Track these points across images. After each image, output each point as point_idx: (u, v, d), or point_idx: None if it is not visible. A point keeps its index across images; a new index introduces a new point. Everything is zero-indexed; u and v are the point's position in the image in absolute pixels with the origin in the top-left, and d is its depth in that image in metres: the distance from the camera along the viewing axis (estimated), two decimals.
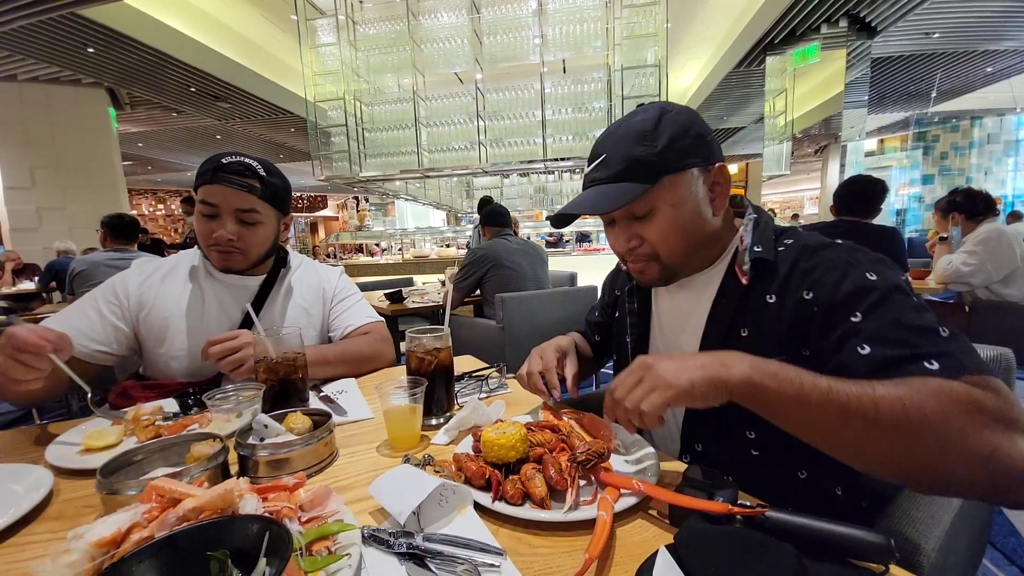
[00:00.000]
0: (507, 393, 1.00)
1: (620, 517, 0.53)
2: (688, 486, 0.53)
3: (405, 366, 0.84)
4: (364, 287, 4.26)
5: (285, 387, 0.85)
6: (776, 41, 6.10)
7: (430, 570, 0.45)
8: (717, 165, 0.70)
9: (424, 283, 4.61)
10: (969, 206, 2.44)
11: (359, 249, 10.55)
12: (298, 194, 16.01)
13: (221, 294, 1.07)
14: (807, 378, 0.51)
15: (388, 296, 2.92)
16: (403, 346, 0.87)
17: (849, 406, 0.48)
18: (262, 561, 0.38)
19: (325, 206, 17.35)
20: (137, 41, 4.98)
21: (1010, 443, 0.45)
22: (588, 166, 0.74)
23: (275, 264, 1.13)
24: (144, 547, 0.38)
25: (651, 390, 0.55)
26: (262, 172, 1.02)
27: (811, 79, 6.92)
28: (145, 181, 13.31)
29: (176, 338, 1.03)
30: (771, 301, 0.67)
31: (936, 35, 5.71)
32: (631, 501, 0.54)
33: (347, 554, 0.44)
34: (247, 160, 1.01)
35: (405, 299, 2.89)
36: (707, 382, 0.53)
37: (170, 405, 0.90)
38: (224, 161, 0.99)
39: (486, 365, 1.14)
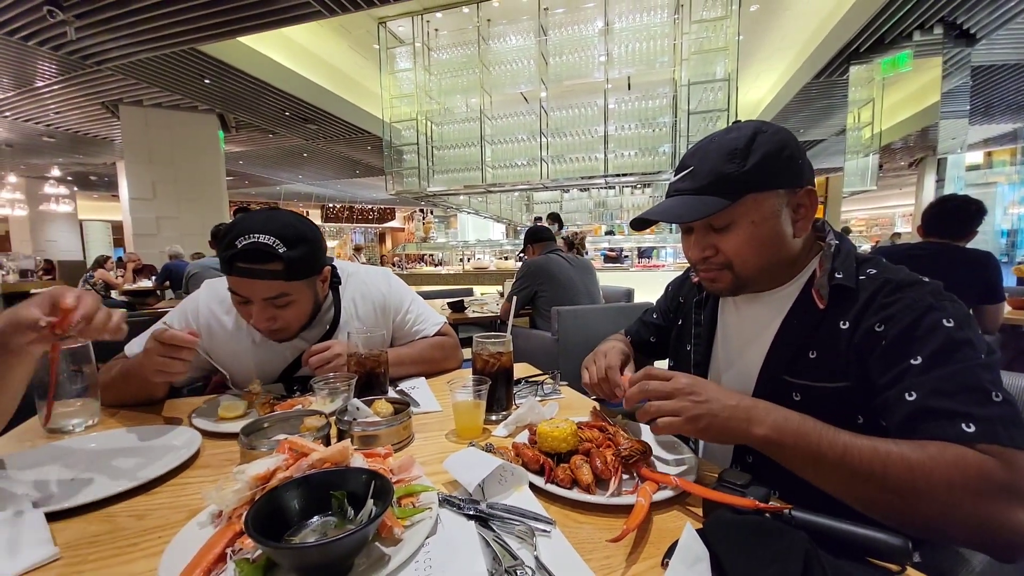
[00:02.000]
0: (560, 398, 1.08)
1: (657, 506, 0.60)
2: (722, 484, 0.59)
3: (471, 366, 0.96)
4: (426, 296, 4.50)
5: (370, 379, 0.99)
6: (862, 49, 5.74)
7: (492, 529, 0.54)
8: (805, 188, 0.72)
9: (483, 294, 4.80)
10: None
11: (421, 259, 11.07)
12: (369, 206, 17.20)
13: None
14: (826, 439, 0.57)
15: (450, 306, 3.11)
16: (468, 351, 0.99)
17: (860, 470, 0.54)
18: (369, 502, 0.50)
19: (393, 218, 18.45)
20: (243, 72, 5.69)
21: (1010, 516, 0.49)
22: (675, 176, 0.77)
23: (331, 285, 1.15)
24: (287, 483, 0.51)
25: (675, 412, 0.63)
26: (282, 249, 0.92)
27: (902, 89, 6.41)
28: (241, 194, 14.89)
29: (240, 367, 1.08)
30: (844, 327, 0.68)
31: None
32: (668, 494, 0.61)
33: (428, 508, 0.55)
34: (263, 240, 0.91)
35: (466, 308, 3.07)
36: (727, 434, 0.62)
37: (277, 389, 1.09)
38: (239, 246, 0.90)
39: (541, 372, 1.23)
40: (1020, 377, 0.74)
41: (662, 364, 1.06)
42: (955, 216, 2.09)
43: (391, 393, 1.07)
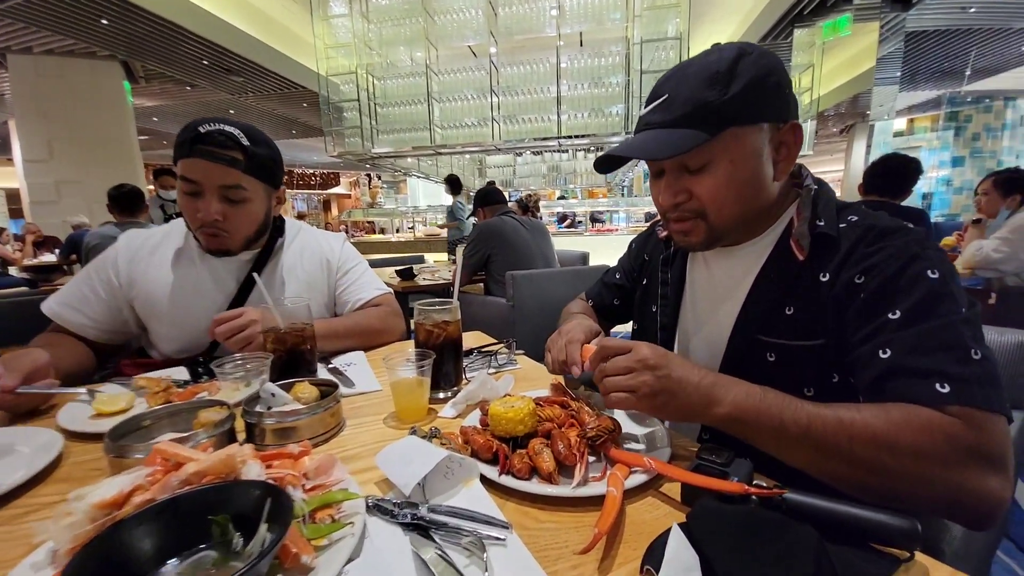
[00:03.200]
0: (516, 369, 0.98)
1: (630, 495, 0.51)
2: (701, 464, 0.51)
3: (414, 339, 0.83)
4: (374, 264, 4.26)
5: (293, 357, 0.84)
6: (805, 12, 5.81)
7: (434, 541, 0.44)
8: (790, 123, 0.64)
9: (435, 261, 4.61)
10: None
11: (372, 228, 10.58)
12: (311, 171, 16.04)
13: (215, 268, 1.04)
14: (788, 413, 0.52)
15: (399, 273, 2.92)
16: (413, 321, 0.85)
17: (825, 444, 0.51)
18: (263, 527, 0.37)
19: (338, 183, 17.39)
20: (149, 12, 4.94)
21: (979, 483, 0.47)
22: (646, 106, 0.66)
23: (271, 235, 1.09)
24: (145, 509, 0.38)
25: (631, 389, 0.56)
26: (245, 142, 0.92)
27: (840, 54, 6.60)
28: (158, 156, 13.41)
29: (168, 316, 1.01)
30: (824, 280, 0.62)
31: (972, 9, 5.39)
32: (642, 479, 0.52)
33: (350, 522, 0.43)
34: (228, 128, 0.91)
35: (416, 276, 2.89)
36: (685, 413, 0.56)
37: (180, 373, 0.91)
38: (202, 130, 0.89)
39: (495, 341, 1.12)
40: (1007, 332, 0.71)
41: (627, 329, 0.98)
42: (897, 173, 2.15)
43: (322, 373, 0.93)
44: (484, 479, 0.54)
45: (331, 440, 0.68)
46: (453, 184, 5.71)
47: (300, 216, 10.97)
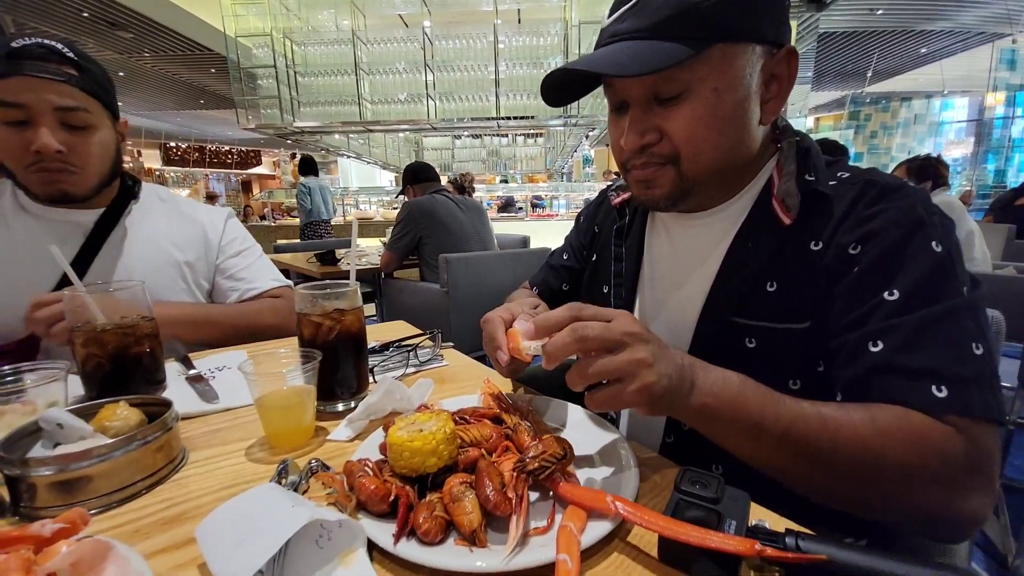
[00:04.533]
0: (443, 367, 0.80)
1: (588, 553, 0.36)
2: (684, 502, 0.36)
3: (298, 335, 0.62)
4: (298, 249, 3.87)
5: (121, 365, 0.60)
6: None
7: None
8: (786, 49, 0.52)
9: (367, 247, 4.27)
10: (940, 173, 2.34)
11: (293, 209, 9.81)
12: (226, 147, 14.48)
13: (37, 234, 0.78)
14: (769, 409, 0.44)
15: (319, 258, 2.60)
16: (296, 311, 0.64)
17: (805, 448, 0.43)
18: None
19: (259, 162, 15.89)
20: None
21: (964, 502, 0.42)
22: (611, 14, 0.52)
23: (120, 193, 0.85)
24: None
25: (620, 376, 0.40)
26: (73, 55, 0.75)
27: None
28: None
29: None
30: (816, 248, 0.51)
31: (879, 12, 5.84)
32: (604, 528, 0.37)
33: None
34: (47, 41, 0.73)
35: (339, 260, 2.59)
36: (668, 405, 0.43)
37: None
38: (16, 45, 0.71)
39: (419, 333, 0.93)
40: None
41: None
42: (829, 156, 2.19)
43: (177, 384, 0.69)
44: (374, 547, 0.36)
45: (157, 487, 0.46)
46: (304, 165, 5.36)
47: (211, 197, 9.85)
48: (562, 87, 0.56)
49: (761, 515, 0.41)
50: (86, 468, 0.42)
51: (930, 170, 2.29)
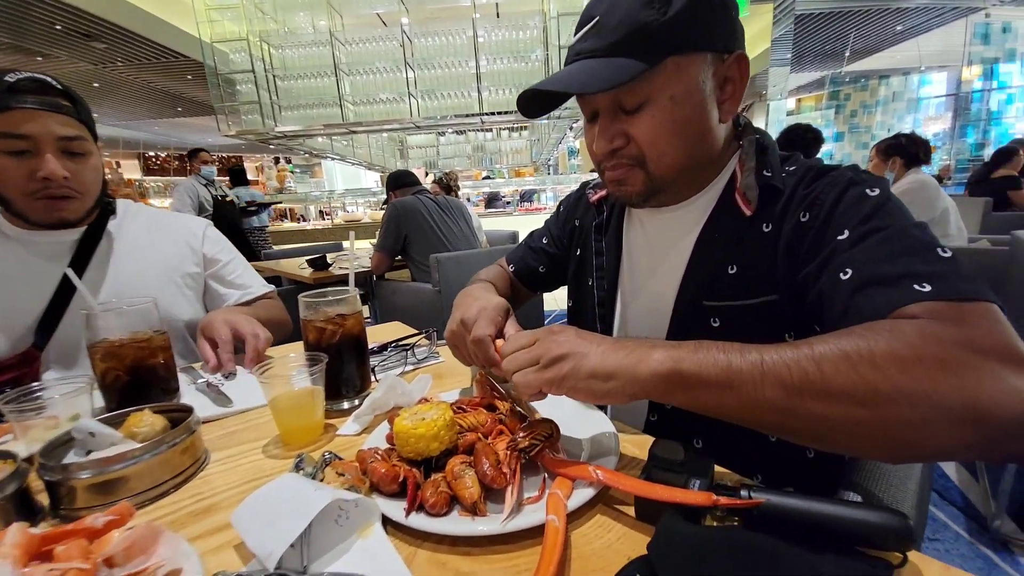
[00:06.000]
0: (439, 363, 0.85)
1: (575, 516, 0.41)
2: (657, 469, 0.42)
3: (303, 340, 0.67)
4: (288, 255, 3.89)
5: (139, 377, 0.64)
6: None
7: None
8: (736, 54, 0.57)
9: (357, 250, 4.28)
10: (910, 151, 2.38)
11: (282, 215, 9.73)
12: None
13: (24, 256, 0.82)
14: (734, 355, 0.40)
15: (311, 263, 2.63)
16: (301, 318, 0.69)
17: (789, 379, 0.38)
18: None
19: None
20: None
21: (998, 383, 0.35)
22: (576, 34, 0.58)
23: (99, 210, 0.89)
24: None
25: (533, 362, 0.46)
26: (61, 87, 0.79)
27: None
28: None
29: None
30: (767, 231, 0.57)
31: None
32: (587, 493, 0.42)
33: None
34: (39, 75, 0.77)
35: (331, 265, 2.62)
36: (610, 378, 0.43)
37: None
38: (11, 79, 0.73)
39: (415, 332, 0.98)
40: None
41: (563, 308, 0.88)
42: (801, 141, 2.26)
43: (190, 392, 0.73)
44: (388, 521, 0.41)
45: (185, 485, 0.51)
46: (233, 175, 5.22)
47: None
48: (537, 102, 0.61)
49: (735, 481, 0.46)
50: (121, 470, 0.46)
51: (897, 149, 2.36)
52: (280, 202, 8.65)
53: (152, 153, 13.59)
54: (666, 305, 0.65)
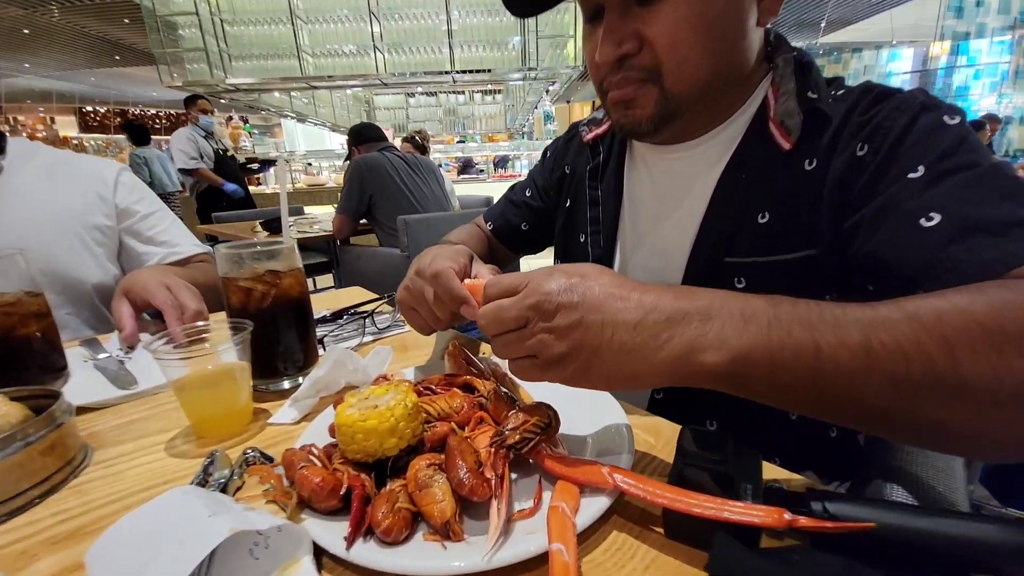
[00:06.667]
0: (404, 333, 0.73)
1: (582, 536, 0.30)
2: (692, 468, 0.31)
3: (225, 303, 0.52)
4: (243, 218, 3.60)
5: (7, 351, 0.49)
6: None
7: None
8: None
9: (320, 214, 4.01)
10: None
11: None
12: (152, 110, 13.12)
13: None
14: (827, 336, 0.28)
15: (264, 226, 2.40)
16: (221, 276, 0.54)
17: (906, 373, 0.27)
18: None
19: None
20: None
21: None
22: None
23: None
24: None
25: (531, 353, 0.33)
26: None
27: None
28: None
29: None
30: (810, 168, 0.46)
31: None
32: (600, 505, 0.31)
33: None
34: None
35: (291, 227, 2.40)
36: (630, 379, 0.32)
37: None
38: None
39: (376, 296, 0.85)
40: None
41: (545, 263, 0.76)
42: None
43: (84, 370, 0.58)
44: (323, 553, 0.29)
45: (51, 497, 0.37)
46: (135, 133, 4.77)
47: None
48: None
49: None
50: None
51: None
52: (287, 159, 8.06)
53: (90, 108, 12.40)
54: (676, 264, 0.54)
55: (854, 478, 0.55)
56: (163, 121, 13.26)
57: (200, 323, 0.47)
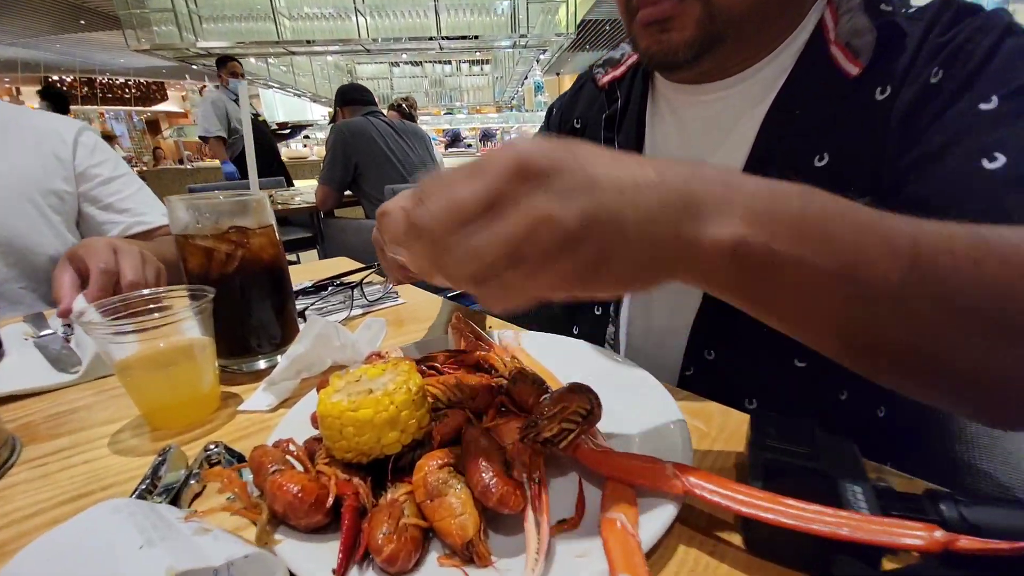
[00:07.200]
0: (398, 305, 0.65)
1: (646, 557, 0.24)
2: (773, 463, 0.24)
3: (183, 267, 0.44)
4: (217, 189, 3.42)
5: None
6: None
7: None
8: None
9: (302, 187, 3.84)
10: None
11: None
12: (121, 79, 12.40)
13: None
14: (869, 233, 0.23)
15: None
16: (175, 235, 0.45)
17: (949, 279, 0.23)
18: None
19: (165, 98, 13.85)
20: None
21: None
22: None
23: None
24: None
25: (563, 244, 0.20)
26: None
27: None
28: None
29: None
30: (881, 98, 0.38)
31: None
32: (665, 515, 0.24)
33: None
34: None
35: (271, 199, 2.27)
36: (646, 267, 0.22)
37: None
38: None
39: (365, 265, 0.77)
40: None
41: None
42: None
43: (23, 348, 0.49)
44: None
45: None
46: (53, 98, 4.43)
47: (109, 138, 8.54)
48: None
49: None
50: None
51: None
52: (312, 124, 7.65)
53: (56, 77, 11.69)
54: None
55: (901, 459, 0.50)
56: (133, 90, 12.59)
57: (145, 291, 0.38)
